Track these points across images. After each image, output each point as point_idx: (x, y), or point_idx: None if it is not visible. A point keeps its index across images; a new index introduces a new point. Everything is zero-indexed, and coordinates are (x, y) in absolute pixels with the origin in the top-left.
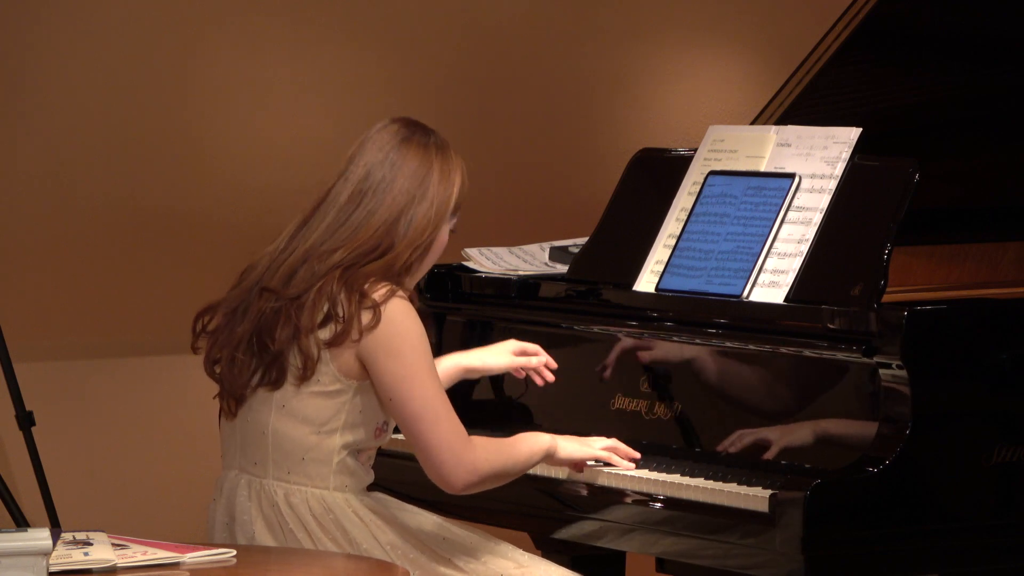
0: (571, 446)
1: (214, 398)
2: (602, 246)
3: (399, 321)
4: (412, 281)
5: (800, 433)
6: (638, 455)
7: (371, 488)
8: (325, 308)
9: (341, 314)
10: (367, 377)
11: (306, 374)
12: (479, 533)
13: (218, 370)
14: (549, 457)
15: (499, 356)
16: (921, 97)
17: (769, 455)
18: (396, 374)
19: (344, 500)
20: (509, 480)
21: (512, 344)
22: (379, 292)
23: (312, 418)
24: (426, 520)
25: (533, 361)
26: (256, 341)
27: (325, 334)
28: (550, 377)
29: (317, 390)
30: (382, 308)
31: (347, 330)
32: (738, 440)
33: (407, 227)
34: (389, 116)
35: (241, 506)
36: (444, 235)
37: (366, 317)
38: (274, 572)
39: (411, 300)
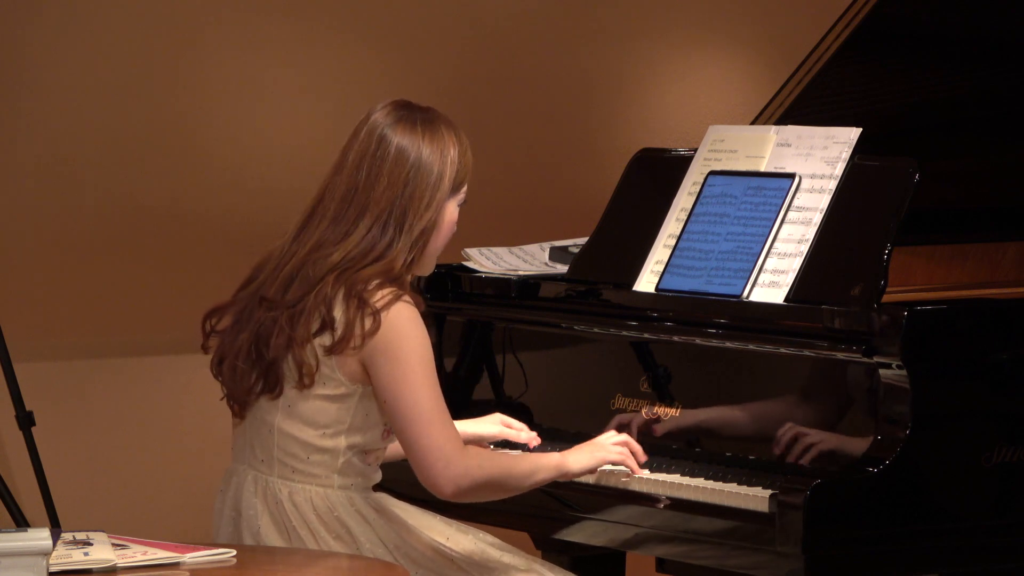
0: (582, 458)
1: (221, 400)
2: (602, 246)
3: (400, 326)
4: (427, 266)
5: (800, 433)
6: (644, 457)
7: (375, 488)
8: (322, 314)
9: (338, 319)
10: (371, 380)
11: (304, 382)
12: (485, 536)
13: (222, 372)
14: (564, 474)
15: (491, 426)
16: (921, 97)
17: (769, 455)
18: (392, 376)
19: (347, 498)
20: (509, 494)
21: (499, 416)
22: (380, 299)
23: (317, 421)
24: (430, 521)
25: (523, 436)
26: (254, 349)
27: (324, 341)
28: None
29: (323, 393)
30: (383, 314)
31: (347, 337)
32: (738, 440)
33: (402, 219)
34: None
35: (247, 501)
36: (451, 213)
37: (367, 323)
38: (275, 572)
39: (417, 304)
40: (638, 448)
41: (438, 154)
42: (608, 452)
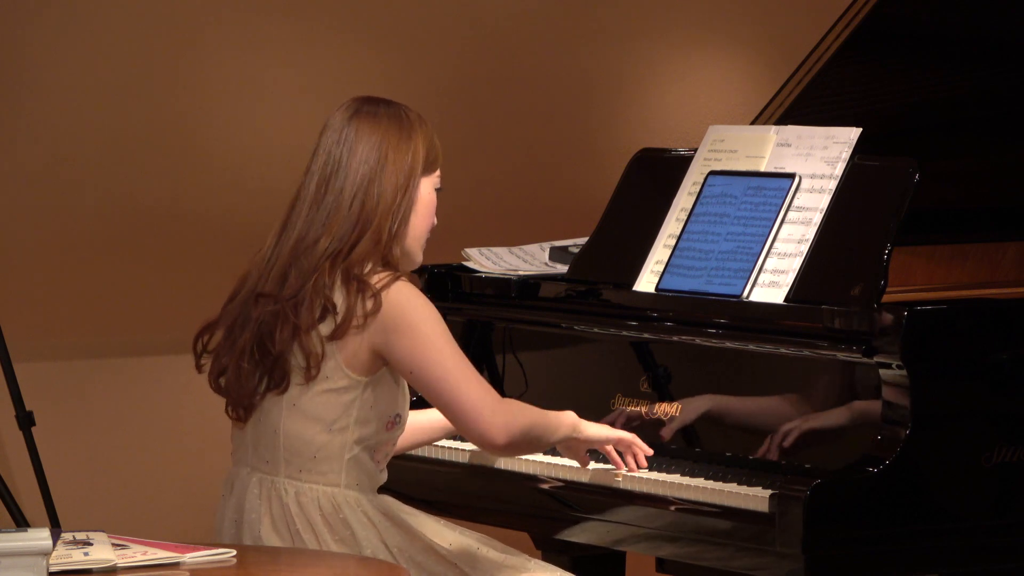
0: (594, 427)
1: (225, 412)
2: (602, 246)
3: (403, 301)
4: (413, 251)
5: (800, 433)
6: (650, 451)
7: (382, 491)
8: (322, 302)
9: (339, 305)
10: (376, 370)
11: (311, 372)
12: (488, 540)
13: (223, 383)
14: (576, 432)
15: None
16: (921, 97)
17: (769, 455)
18: (410, 347)
19: (355, 500)
20: (540, 448)
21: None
22: (378, 280)
23: (322, 416)
24: (434, 525)
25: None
26: (258, 347)
27: (326, 328)
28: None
29: (326, 387)
30: (383, 294)
31: (349, 319)
32: (738, 440)
33: (378, 196)
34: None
35: (251, 504)
36: (427, 193)
37: (368, 304)
38: (277, 572)
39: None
40: (644, 446)
41: (406, 134)
42: (618, 432)
